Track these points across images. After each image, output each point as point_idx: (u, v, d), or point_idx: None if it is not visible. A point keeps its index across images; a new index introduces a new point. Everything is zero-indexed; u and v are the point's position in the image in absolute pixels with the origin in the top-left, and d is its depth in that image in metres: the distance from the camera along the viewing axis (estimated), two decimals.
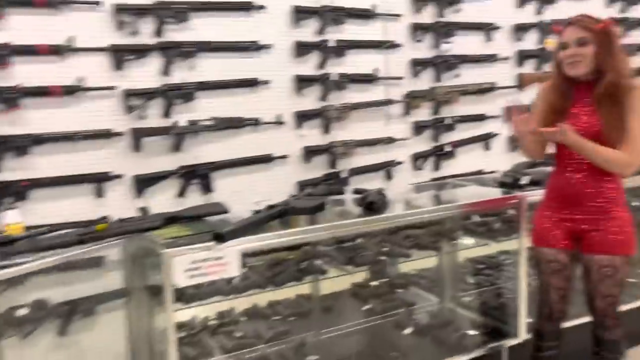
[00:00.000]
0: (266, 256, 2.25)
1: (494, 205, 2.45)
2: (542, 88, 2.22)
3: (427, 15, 3.32)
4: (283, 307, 2.67)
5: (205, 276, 1.83)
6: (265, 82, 2.89)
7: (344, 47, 3.07)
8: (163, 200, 2.70)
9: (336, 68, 3.08)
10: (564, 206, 2.13)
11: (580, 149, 2.00)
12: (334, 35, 3.06)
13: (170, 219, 2.19)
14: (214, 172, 2.82)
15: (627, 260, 2.09)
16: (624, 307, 2.29)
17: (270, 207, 2.09)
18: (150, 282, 2.10)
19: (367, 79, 3.16)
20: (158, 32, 2.64)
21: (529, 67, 3.69)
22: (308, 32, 3.00)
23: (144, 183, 2.66)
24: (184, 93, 2.70)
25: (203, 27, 2.75)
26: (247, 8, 2.82)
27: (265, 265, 2.25)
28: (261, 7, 2.85)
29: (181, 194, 2.76)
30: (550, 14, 3.70)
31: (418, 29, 3.28)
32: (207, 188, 2.81)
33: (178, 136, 2.71)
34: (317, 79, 3.03)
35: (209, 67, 2.78)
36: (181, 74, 2.71)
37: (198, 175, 2.78)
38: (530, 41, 3.68)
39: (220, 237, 1.84)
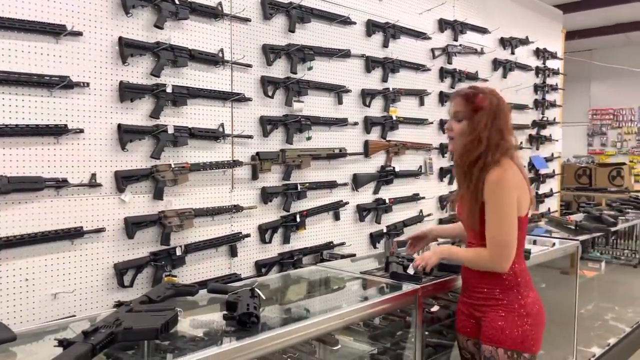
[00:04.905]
0: None
1: (391, 306, 2.02)
2: None
3: (279, 70, 2.96)
4: None
5: None
6: (78, 131, 2.17)
7: (184, 95, 2.50)
8: None
9: (173, 119, 2.50)
10: (462, 289, 2.05)
11: (454, 259, 2.03)
12: (172, 79, 2.49)
13: None
14: None
15: (516, 356, 1.86)
16: None
17: (88, 333, 1.33)
18: None
19: (211, 135, 2.63)
20: None
21: (375, 134, 3.56)
22: (139, 72, 2.39)
23: None
24: None
25: None
26: (55, 32, 2.11)
27: None
28: (77, 34, 2.17)
29: None
30: (393, 82, 3.66)
31: (269, 84, 2.88)
32: None
33: None
34: (149, 131, 2.40)
35: None
36: None
37: None
38: (376, 108, 3.57)
39: None
